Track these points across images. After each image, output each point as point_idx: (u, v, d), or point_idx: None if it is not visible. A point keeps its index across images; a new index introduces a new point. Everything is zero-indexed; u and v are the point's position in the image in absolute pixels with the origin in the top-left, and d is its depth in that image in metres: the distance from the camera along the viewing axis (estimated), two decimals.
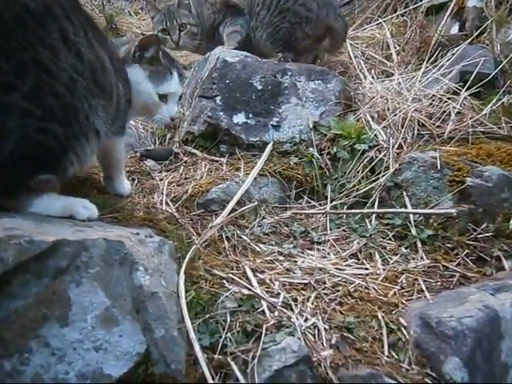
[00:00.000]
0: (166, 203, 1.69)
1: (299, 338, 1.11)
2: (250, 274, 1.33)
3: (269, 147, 2.01)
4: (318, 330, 1.17)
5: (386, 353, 1.16)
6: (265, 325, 1.14)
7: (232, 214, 1.62)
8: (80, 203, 1.31)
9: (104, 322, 0.99)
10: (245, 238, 1.57)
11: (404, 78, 2.40)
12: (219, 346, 1.09)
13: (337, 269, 1.44)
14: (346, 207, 1.79)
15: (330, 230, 1.69)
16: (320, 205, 1.84)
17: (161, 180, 1.88)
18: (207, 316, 1.15)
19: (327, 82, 2.24)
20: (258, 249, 1.52)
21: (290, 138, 2.06)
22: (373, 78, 2.61)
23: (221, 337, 1.11)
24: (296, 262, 1.47)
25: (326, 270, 1.43)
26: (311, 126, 2.07)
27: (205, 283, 1.25)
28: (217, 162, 2.02)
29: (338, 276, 1.40)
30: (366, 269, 1.47)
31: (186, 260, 1.28)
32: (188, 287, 1.20)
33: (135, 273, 1.07)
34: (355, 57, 2.83)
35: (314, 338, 1.15)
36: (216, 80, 2.18)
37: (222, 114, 2.10)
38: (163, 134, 2.39)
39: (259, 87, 2.16)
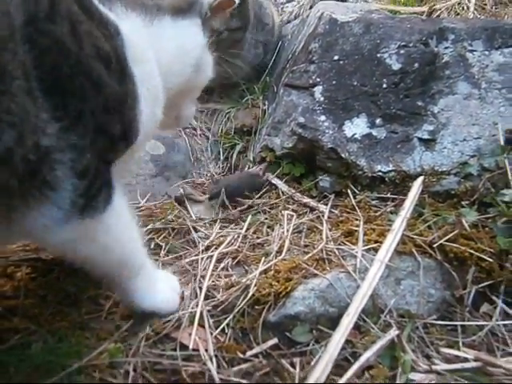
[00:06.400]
0: (201, 322, 0.81)
1: None
2: None
3: (416, 186, 1.03)
4: None
5: None
6: None
7: (347, 374, 0.69)
8: None
9: None
10: None
11: None
12: None
13: None
14: None
15: None
16: None
17: (205, 250, 1.00)
18: None
19: None
20: None
21: (458, 165, 1.07)
22: None
23: None
24: None
25: None
26: (502, 141, 1.05)
27: None
28: (312, 210, 1.09)
29: None
30: None
31: None
32: None
33: None
34: None
35: None
36: (316, 55, 1.23)
37: (323, 118, 1.15)
38: (231, 142, 1.51)
39: (396, 66, 1.17)
